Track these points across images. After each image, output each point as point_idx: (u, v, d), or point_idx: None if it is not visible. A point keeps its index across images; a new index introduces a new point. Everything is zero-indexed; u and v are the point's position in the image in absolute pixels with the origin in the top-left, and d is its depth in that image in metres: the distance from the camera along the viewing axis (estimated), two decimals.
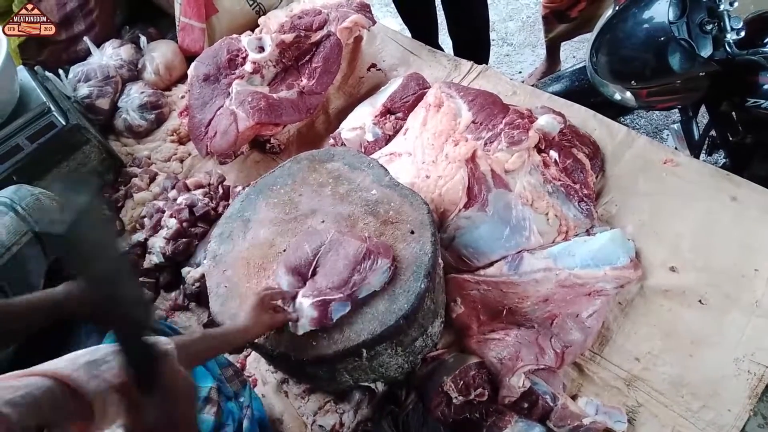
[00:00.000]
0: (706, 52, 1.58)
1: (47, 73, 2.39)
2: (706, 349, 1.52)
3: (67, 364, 0.83)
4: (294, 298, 1.34)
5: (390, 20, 3.50)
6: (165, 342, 1.00)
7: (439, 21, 3.01)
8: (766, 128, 1.76)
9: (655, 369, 1.54)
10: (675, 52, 1.61)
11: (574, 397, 1.52)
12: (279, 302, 1.33)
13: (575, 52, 3.20)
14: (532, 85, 2.29)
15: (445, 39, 3.14)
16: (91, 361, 0.84)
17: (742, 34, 1.54)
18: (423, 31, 2.89)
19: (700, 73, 1.64)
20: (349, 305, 1.32)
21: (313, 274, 1.38)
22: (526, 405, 1.47)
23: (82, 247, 0.77)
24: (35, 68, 2.37)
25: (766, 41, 1.60)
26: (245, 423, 1.32)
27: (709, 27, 1.56)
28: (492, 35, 3.01)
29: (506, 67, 3.32)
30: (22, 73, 2.24)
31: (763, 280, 1.56)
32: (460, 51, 2.87)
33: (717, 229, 1.67)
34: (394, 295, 1.35)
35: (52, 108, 2.11)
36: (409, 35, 2.74)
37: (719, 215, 1.69)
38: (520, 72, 3.26)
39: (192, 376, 1.29)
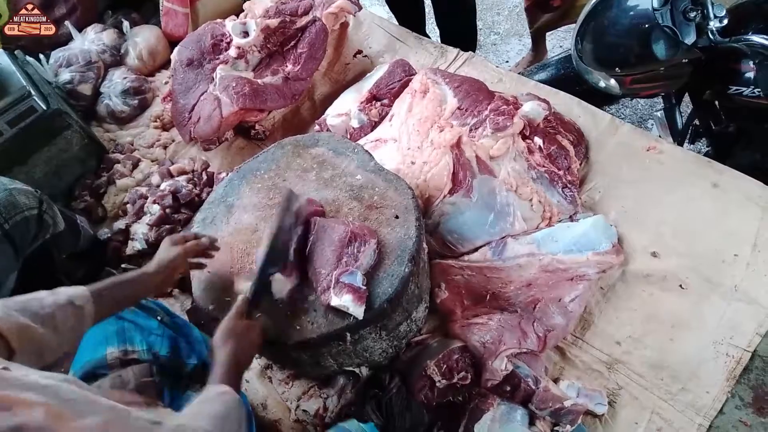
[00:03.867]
0: (690, 39, 1.58)
1: (28, 58, 2.34)
2: (686, 332, 1.55)
3: None
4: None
5: (377, 9, 3.48)
6: (82, 290, 1.06)
7: (426, 10, 3.01)
8: (748, 116, 1.78)
9: (636, 352, 1.56)
10: (659, 39, 1.61)
11: (556, 381, 1.54)
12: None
13: (562, 42, 3.20)
14: (519, 74, 2.29)
15: (432, 28, 3.14)
16: (2, 306, 0.92)
17: (725, 22, 1.55)
18: (410, 19, 2.88)
19: (684, 61, 1.64)
20: (358, 272, 1.32)
21: (305, 269, 1.39)
22: (508, 388, 1.48)
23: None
24: (15, 52, 2.33)
25: (748, 29, 1.61)
26: None
27: (692, 14, 1.56)
28: (478, 24, 3.00)
29: (493, 56, 3.31)
30: (2, 58, 2.21)
31: (742, 265, 1.59)
32: (447, 40, 2.86)
33: (698, 215, 1.69)
34: (378, 279, 1.35)
35: (33, 92, 2.07)
36: (396, 24, 2.73)
37: (701, 202, 1.71)
38: (507, 61, 3.26)
39: (176, 354, 1.30)
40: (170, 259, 1.26)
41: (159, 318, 1.38)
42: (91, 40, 2.50)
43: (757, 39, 1.48)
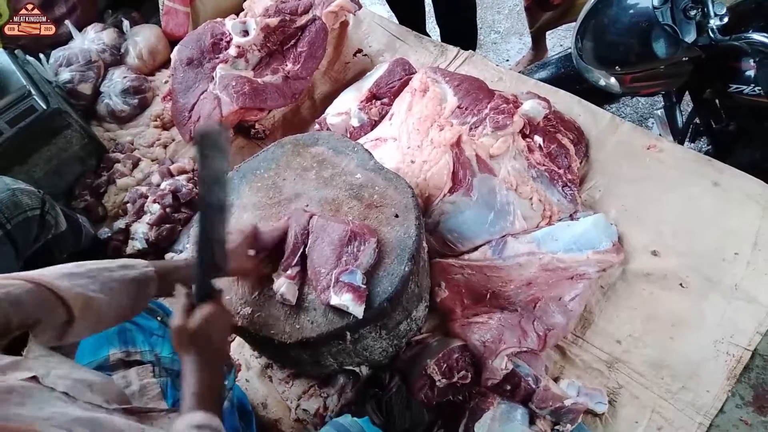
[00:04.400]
0: (690, 37, 1.58)
1: (28, 57, 2.35)
2: (687, 331, 1.55)
3: (48, 272, 0.90)
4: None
5: (378, 8, 3.47)
6: (144, 264, 1.06)
7: (426, 9, 3.00)
8: (748, 115, 1.77)
9: (636, 351, 1.55)
10: (659, 37, 1.61)
11: (556, 380, 1.53)
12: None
13: (563, 41, 3.20)
14: (519, 72, 2.29)
15: (433, 27, 3.14)
16: (70, 273, 0.92)
17: (726, 20, 1.55)
18: (411, 18, 2.87)
19: (684, 59, 1.64)
20: (357, 271, 1.31)
21: (304, 265, 1.39)
22: (508, 387, 1.48)
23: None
24: (15, 52, 2.33)
25: (748, 28, 1.60)
26: (225, 404, 1.33)
27: (692, 13, 1.56)
28: (478, 23, 3.00)
29: (493, 54, 3.31)
30: (2, 57, 2.21)
31: (742, 264, 1.59)
32: (447, 38, 2.86)
33: (699, 213, 1.69)
34: (377, 278, 1.35)
35: (33, 92, 2.07)
36: (397, 22, 2.73)
37: (701, 200, 1.71)
38: (507, 60, 3.26)
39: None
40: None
41: (159, 318, 1.37)
42: (91, 39, 2.50)
43: (758, 37, 1.48)
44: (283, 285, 1.33)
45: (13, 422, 0.65)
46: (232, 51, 2.10)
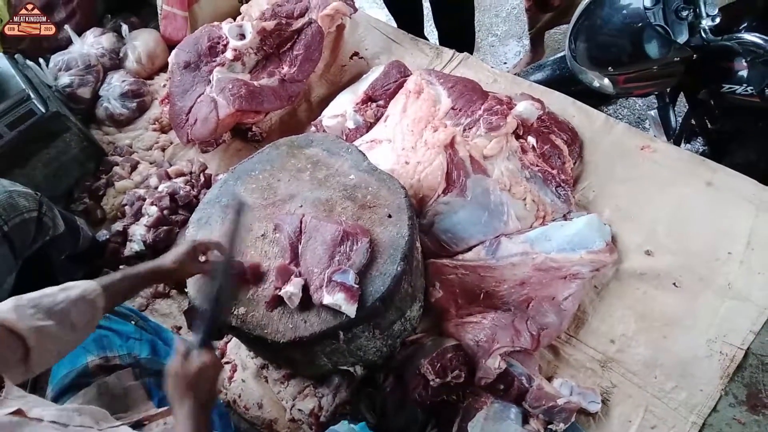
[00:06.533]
0: (682, 38, 1.59)
1: (27, 62, 2.36)
2: (680, 330, 1.55)
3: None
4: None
5: (375, 12, 3.49)
6: (93, 284, 1.07)
7: (425, 12, 3.02)
8: (742, 115, 1.78)
9: (630, 351, 1.56)
10: (651, 38, 1.62)
11: (549, 379, 1.54)
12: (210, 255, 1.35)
13: (560, 44, 3.21)
14: (515, 74, 2.30)
15: (431, 30, 3.15)
16: (15, 306, 0.93)
17: (717, 20, 1.56)
18: (409, 21, 2.89)
19: (676, 59, 1.65)
20: (350, 271, 1.32)
21: (297, 265, 1.40)
22: (502, 386, 1.49)
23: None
24: (15, 56, 2.35)
25: (740, 28, 1.61)
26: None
27: (684, 13, 1.57)
28: (476, 26, 3.01)
29: (491, 57, 3.32)
30: (2, 61, 2.22)
31: (735, 263, 1.59)
32: (445, 41, 2.87)
33: (692, 213, 1.69)
34: (370, 277, 1.35)
35: (32, 95, 2.08)
36: (395, 26, 2.74)
37: (695, 200, 1.71)
38: (505, 63, 3.27)
39: (156, 355, 1.30)
40: (185, 268, 1.26)
41: (134, 322, 1.38)
42: (91, 43, 2.52)
43: (749, 37, 1.49)
44: (291, 285, 1.34)
45: None
46: (229, 54, 2.12)
